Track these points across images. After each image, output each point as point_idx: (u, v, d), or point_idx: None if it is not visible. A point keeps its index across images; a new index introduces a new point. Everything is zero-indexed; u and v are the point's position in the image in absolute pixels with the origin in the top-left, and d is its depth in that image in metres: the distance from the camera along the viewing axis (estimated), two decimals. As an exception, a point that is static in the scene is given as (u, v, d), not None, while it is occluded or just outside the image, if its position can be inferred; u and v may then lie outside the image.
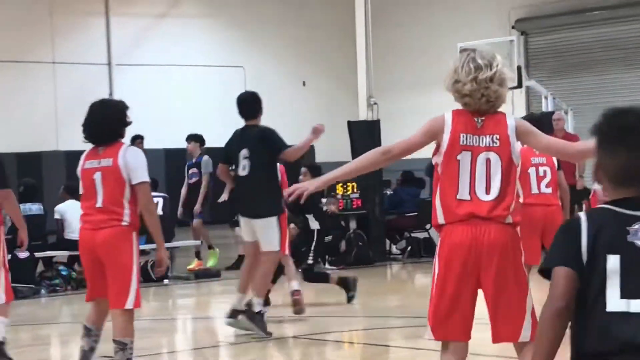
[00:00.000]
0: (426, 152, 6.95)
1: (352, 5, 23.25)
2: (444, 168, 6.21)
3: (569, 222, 3.92)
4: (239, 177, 12.43)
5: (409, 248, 22.62)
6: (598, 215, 3.77)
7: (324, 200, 20.83)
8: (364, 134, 22.15)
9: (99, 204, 8.69)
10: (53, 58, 30.25)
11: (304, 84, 33.50)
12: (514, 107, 28.61)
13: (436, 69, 28.87)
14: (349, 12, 23.71)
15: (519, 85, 26.25)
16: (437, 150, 6.27)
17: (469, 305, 6.27)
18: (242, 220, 12.56)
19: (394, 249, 23.06)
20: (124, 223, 8.68)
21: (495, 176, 6.14)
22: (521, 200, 10.56)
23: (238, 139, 12.55)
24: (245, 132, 12.59)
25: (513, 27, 30.42)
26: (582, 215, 3.77)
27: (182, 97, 31.44)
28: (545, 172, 11.71)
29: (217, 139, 19.18)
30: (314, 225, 17.04)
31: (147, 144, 25.21)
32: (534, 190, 11.68)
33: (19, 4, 29.91)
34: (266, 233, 12.18)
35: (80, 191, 8.97)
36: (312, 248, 17.24)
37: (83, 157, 9.03)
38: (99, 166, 8.74)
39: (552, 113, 23.63)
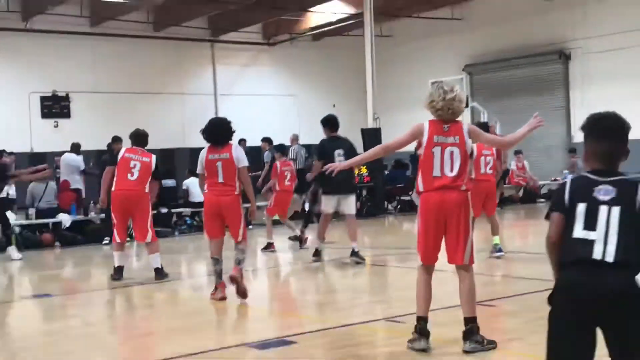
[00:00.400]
0: (409, 147, 6.95)
1: (363, 53, 22.89)
2: (424, 157, 6.33)
3: (560, 184, 3.95)
4: None
5: (398, 206, 22.51)
6: (578, 179, 3.86)
7: None
8: (371, 137, 21.83)
9: (220, 180, 8.76)
10: (181, 90, 31.41)
11: (334, 105, 32.46)
12: (463, 119, 31.26)
13: (415, 93, 30.45)
14: (362, 57, 23.17)
15: (467, 106, 28.58)
16: (419, 146, 6.40)
17: (440, 241, 6.37)
18: (333, 196, 11.77)
19: (389, 207, 22.74)
20: (236, 192, 8.88)
21: (456, 162, 6.24)
22: (473, 176, 9.21)
23: (332, 144, 12.29)
24: (335, 140, 12.49)
25: (463, 70, 30.90)
26: (568, 179, 3.96)
27: (258, 114, 31.73)
28: (489, 160, 11.44)
29: (277, 140, 19.74)
30: None
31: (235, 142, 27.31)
32: (482, 171, 11.27)
33: (157, 55, 30.78)
34: (352, 203, 12.01)
35: (200, 172, 8.94)
36: None
37: (205, 151, 8.92)
38: (219, 157, 8.78)
39: (487, 123, 23.91)
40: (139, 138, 11.50)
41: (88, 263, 14.08)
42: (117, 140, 16.79)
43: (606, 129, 3.88)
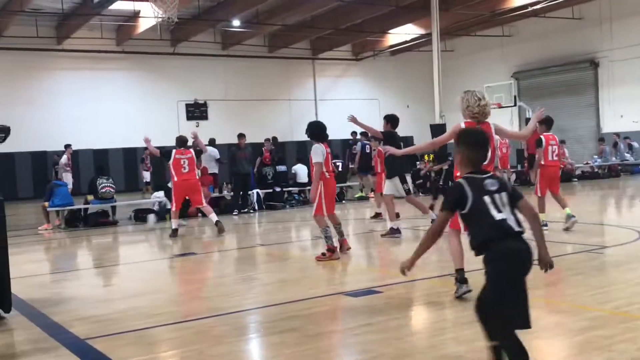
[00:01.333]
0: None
1: (431, 64, 22.65)
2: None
3: (455, 186, 3.75)
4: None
5: None
6: (469, 180, 3.66)
7: (417, 163, 21.20)
8: (437, 131, 20.33)
9: (330, 169, 8.71)
10: (289, 97, 31.92)
11: (407, 106, 33.60)
12: (512, 116, 30.67)
13: None
14: (430, 68, 22.92)
15: (515, 105, 28.02)
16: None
17: None
18: (396, 178, 10.61)
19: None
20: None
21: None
22: (542, 162, 9.97)
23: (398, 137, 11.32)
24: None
25: (511, 76, 30.52)
26: (462, 180, 3.68)
27: (347, 113, 32.59)
28: (554, 149, 10.21)
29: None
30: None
31: (331, 136, 27.50)
32: (550, 157, 10.10)
33: (271, 71, 31.26)
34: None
35: (321, 161, 8.36)
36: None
37: (322, 146, 8.56)
38: (328, 152, 8.63)
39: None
40: (180, 142, 12.17)
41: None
42: (241, 136, 17.07)
43: (479, 141, 3.93)
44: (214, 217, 12.01)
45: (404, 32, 29.59)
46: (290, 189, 18.87)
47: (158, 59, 28.56)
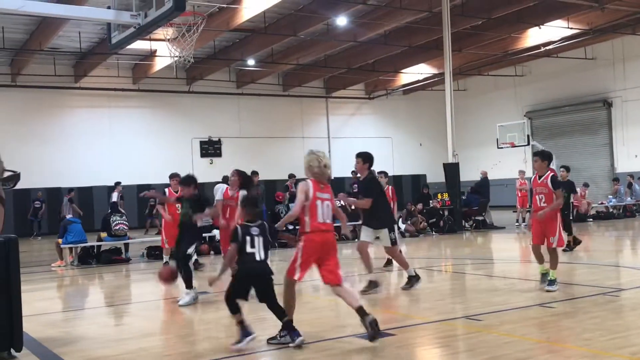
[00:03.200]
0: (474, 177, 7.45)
1: (443, 103, 21.93)
2: (310, 206, 6.09)
3: (235, 230, 6.14)
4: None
5: (473, 225, 21.27)
6: (242, 226, 6.14)
7: (430, 201, 21.31)
8: (451, 169, 21.17)
9: None
10: (302, 135, 32.03)
11: (420, 144, 34.00)
12: (525, 155, 30.55)
13: (484, 136, 30.48)
14: (443, 107, 22.20)
15: (528, 144, 28.06)
16: (306, 199, 6.07)
17: None
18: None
19: (466, 225, 21.41)
20: None
21: (330, 210, 6.20)
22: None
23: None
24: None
25: (524, 115, 30.60)
26: (238, 226, 6.17)
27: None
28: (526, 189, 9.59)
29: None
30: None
31: (340, 174, 27.30)
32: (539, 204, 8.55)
33: (285, 109, 31.60)
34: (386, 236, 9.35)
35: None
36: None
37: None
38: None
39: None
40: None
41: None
42: (255, 173, 17.01)
43: (254, 202, 6.58)
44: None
45: (416, 72, 29.79)
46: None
47: (173, 97, 28.88)
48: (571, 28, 23.81)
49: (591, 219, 22.52)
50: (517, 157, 29.34)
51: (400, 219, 19.49)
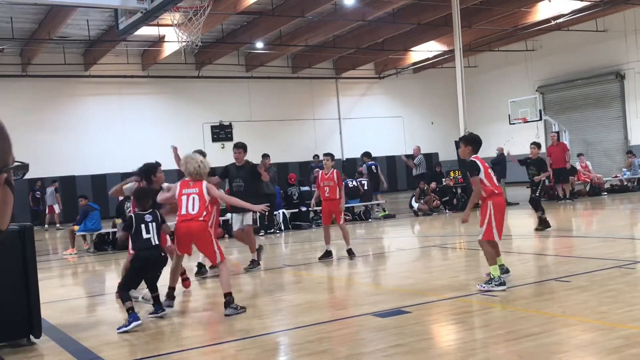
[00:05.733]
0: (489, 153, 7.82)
1: (454, 81, 21.12)
2: (179, 200, 7.08)
3: (129, 217, 6.99)
4: None
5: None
6: (136, 215, 6.91)
7: (443, 180, 21.33)
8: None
9: None
10: (313, 116, 31.92)
11: (432, 123, 33.83)
12: (537, 130, 30.30)
13: (496, 112, 30.27)
14: (454, 84, 21.40)
15: (540, 119, 27.78)
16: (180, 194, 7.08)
17: None
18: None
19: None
20: None
21: (197, 202, 6.96)
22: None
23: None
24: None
25: (536, 90, 30.28)
26: (132, 215, 6.94)
27: (374, 132, 32.23)
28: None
29: (389, 152, 19.37)
30: None
31: (352, 154, 27.12)
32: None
33: (295, 91, 31.39)
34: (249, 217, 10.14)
35: None
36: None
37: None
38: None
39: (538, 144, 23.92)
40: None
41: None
42: (266, 156, 17.10)
43: (145, 195, 7.30)
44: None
45: (426, 49, 29.59)
46: (317, 208, 18.73)
47: (183, 82, 28.90)
48: (582, 0, 23.53)
49: (605, 193, 22.36)
50: (529, 133, 29.05)
51: (413, 198, 19.53)
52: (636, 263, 8.41)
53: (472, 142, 7.75)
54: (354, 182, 19.93)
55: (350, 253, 10.67)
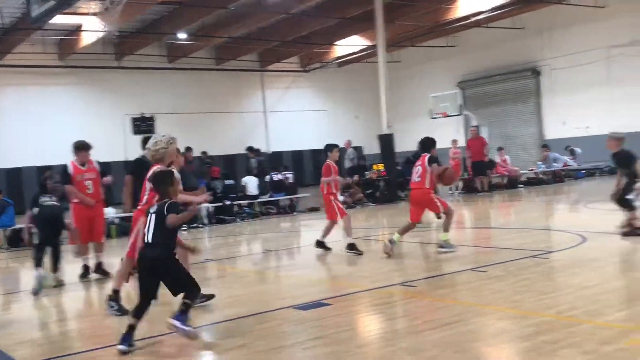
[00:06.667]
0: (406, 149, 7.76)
1: (377, 75, 21.93)
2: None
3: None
4: None
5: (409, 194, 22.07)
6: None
7: (366, 173, 21.64)
8: (385, 141, 21.28)
9: None
10: (239, 109, 31.24)
11: (356, 117, 33.96)
12: (458, 125, 31.00)
13: (418, 107, 30.84)
14: (377, 78, 22.13)
15: (460, 114, 28.49)
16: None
17: None
18: None
19: (402, 195, 20.10)
20: None
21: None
22: None
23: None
24: None
25: (456, 85, 30.90)
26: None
27: (299, 125, 32.25)
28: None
29: (314, 145, 19.36)
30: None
31: (278, 148, 27.07)
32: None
33: (219, 83, 30.94)
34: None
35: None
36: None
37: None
38: None
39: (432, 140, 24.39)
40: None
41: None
42: (188, 149, 16.92)
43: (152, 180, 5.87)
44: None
45: (350, 44, 29.79)
46: (240, 202, 18.66)
47: (103, 73, 28.04)
48: (500, -2, 24.22)
49: (522, 185, 23.15)
50: (450, 128, 29.75)
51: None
52: (549, 253, 8.70)
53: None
54: (279, 176, 19.98)
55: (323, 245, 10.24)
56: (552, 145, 26.01)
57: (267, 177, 19.89)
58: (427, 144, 9.78)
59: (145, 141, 9.30)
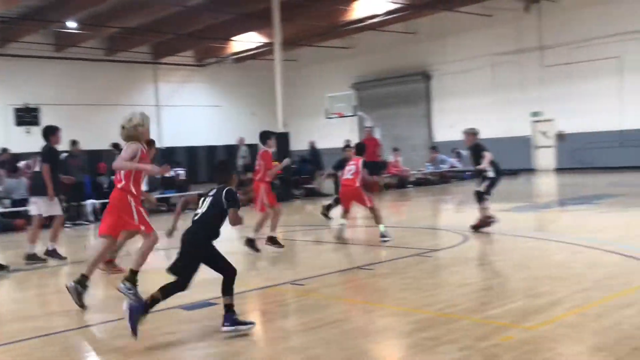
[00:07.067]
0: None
1: (274, 73, 21.98)
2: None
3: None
4: None
5: (304, 192, 21.34)
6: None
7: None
8: (280, 139, 19.34)
9: None
10: (129, 102, 29.43)
11: (252, 113, 33.63)
12: (352, 125, 31.50)
13: (315, 106, 31.13)
14: (273, 76, 22.04)
15: (355, 114, 28.91)
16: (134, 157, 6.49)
17: None
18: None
19: (296, 193, 21.20)
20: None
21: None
22: None
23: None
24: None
25: (351, 86, 31.29)
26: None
27: (193, 120, 31.93)
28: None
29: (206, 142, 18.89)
30: None
31: (170, 143, 26.29)
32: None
33: (110, 75, 30.09)
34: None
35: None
36: None
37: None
38: None
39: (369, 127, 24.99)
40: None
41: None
42: (75, 143, 16.26)
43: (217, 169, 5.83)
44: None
45: (247, 40, 29.64)
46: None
47: (-17, 60, 26.52)
48: (394, 2, 24.82)
49: (411, 185, 23.84)
50: (345, 128, 30.27)
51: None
52: (433, 251, 8.98)
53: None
54: (171, 172, 19.58)
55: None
56: (440, 147, 26.99)
57: (158, 173, 19.42)
58: (362, 148, 11.18)
59: (46, 132, 9.76)
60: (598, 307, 5.44)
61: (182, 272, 5.25)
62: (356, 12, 26.11)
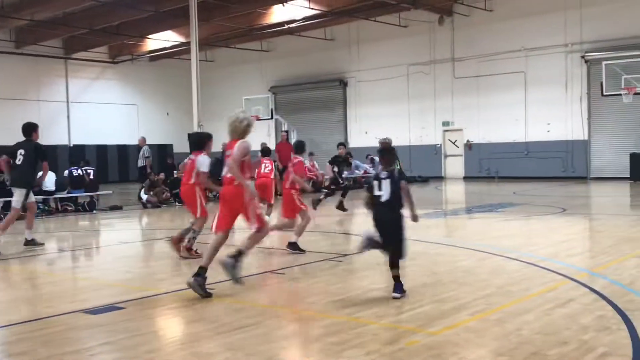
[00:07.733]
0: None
1: (190, 72, 21.71)
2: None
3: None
4: None
5: (216, 194, 22.52)
6: (375, 175, 6.40)
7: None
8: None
9: None
10: (38, 97, 29.64)
11: (167, 114, 33.44)
12: (269, 129, 31.69)
13: (231, 108, 30.81)
14: (190, 76, 21.79)
15: (272, 118, 28.96)
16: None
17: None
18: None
19: (210, 195, 19.87)
20: None
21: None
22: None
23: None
24: None
25: (269, 90, 31.46)
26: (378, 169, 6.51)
27: (105, 119, 31.16)
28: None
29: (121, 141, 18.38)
30: None
31: (80, 141, 25.40)
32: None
33: (18, 68, 29.05)
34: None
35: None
36: None
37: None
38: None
39: (286, 131, 25.04)
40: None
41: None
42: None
43: (383, 153, 6.63)
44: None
45: (164, 39, 29.12)
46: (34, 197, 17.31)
47: None
48: (312, 8, 25.01)
49: (325, 190, 23.89)
50: (262, 131, 30.18)
51: (143, 190, 19.06)
52: (344, 256, 9.05)
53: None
54: (79, 171, 18.88)
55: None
56: (354, 153, 27.29)
57: (66, 172, 18.75)
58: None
59: (26, 128, 9.98)
60: (500, 312, 5.59)
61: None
62: (275, 16, 26.15)
